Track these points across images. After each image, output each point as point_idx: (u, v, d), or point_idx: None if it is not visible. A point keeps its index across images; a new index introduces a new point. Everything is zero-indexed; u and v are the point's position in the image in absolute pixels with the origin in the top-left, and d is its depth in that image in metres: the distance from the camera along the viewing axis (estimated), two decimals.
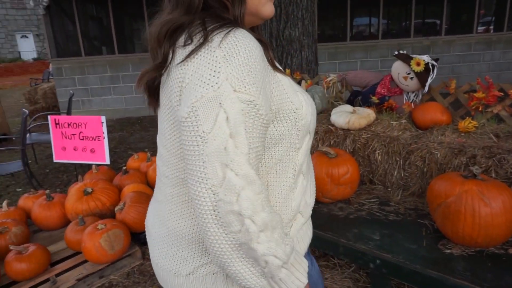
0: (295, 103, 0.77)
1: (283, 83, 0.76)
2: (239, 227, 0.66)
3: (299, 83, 3.02)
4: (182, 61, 0.69)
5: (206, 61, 0.67)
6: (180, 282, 0.82)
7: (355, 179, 2.05)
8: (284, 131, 0.77)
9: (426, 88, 2.43)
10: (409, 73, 2.44)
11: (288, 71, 3.13)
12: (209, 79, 0.65)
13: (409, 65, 2.41)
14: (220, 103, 0.65)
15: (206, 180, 0.65)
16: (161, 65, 0.74)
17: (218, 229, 0.67)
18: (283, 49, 3.45)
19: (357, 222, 1.90)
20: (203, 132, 0.65)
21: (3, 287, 2.22)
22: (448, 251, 1.60)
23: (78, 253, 2.49)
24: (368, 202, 2.09)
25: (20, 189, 4.00)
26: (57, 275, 2.30)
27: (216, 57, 0.66)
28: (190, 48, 0.69)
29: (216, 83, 0.65)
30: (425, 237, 1.72)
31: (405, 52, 2.53)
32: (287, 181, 0.81)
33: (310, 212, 0.92)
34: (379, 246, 1.67)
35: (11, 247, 2.26)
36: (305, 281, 0.74)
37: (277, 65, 0.78)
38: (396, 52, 2.53)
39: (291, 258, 0.73)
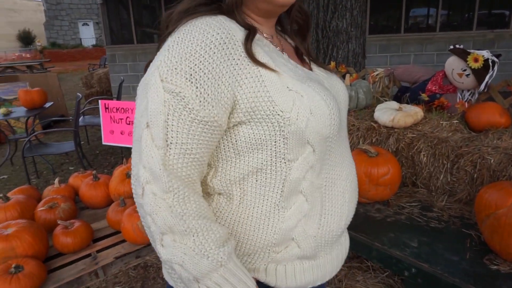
0: (280, 104, 0.63)
1: (266, 79, 0.63)
2: (147, 222, 0.64)
3: (343, 76, 2.90)
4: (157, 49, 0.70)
5: (161, 49, 0.65)
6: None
7: (395, 181, 1.94)
8: (263, 136, 0.65)
9: (483, 87, 2.22)
10: (464, 70, 2.24)
11: (333, 63, 3.02)
12: (150, 67, 0.64)
13: (466, 61, 2.22)
14: (146, 92, 0.63)
15: (132, 168, 0.66)
16: None
17: (140, 218, 0.68)
18: (329, 40, 3.34)
19: (394, 226, 1.80)
20: (135, 118, 0.65)
21: (51, 258, 2.39)
22: (495, 267, 1.46)
23: (118, 232, 2.62)
24: (408, 205, 1.97)
25: (72, 168, 4.29)
26: (98, 251, 2.44)
27: (165, 45, 0.64)
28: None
29: (149, 71, 0.64)
30: (469, 249, 1.59)
31: (461, 46, 2.32)
32: (273, 196, 0.69)
33: (312, 245, 0.72)
34: (416, 254, 1.57)
35: (59, 222, 2.43)
36: None
37: (262, 59, 0.65)
38: (452, 46, 2.33)
39: (214, 276, 0.62)
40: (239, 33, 0.64)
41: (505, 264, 1.47)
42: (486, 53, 2.18)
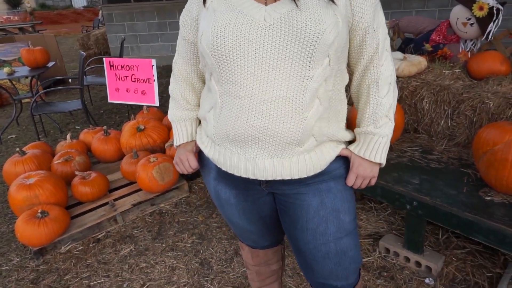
0: (199, 29, 0.97)
1: (201, 15, 0.97)
2: None
3: None
4: None
5: None
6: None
7: (398, 126, 2.04)
8: (200, 49, 0.97)
9: (487, 36, 2.27)
10: (469, 19, 2.28)
11: None
12: None
13: (471, 10, 2.25)
14: None
15: None
16: None
17: None
18: None
19: (397, 167, 1.93)
20: None
21: (71, 206, 2.54)
22: (489, 198, 1.61)
23: (132, 183, 2.75)
24: (410, 149, 2.09)
25: (79, 127, 4.36)
26: (115, 199, 2.58)
27: None
28: None
29: None
30: (466, 184, 1.73)
31: None
32: (206, 85, 1.05)
33: (212, 131, 0.97)
34: (418, 189, 1.71)
35: (76, 173, 2.55)
36: (174, 143, 1.17)
37: (207, 2, 0.95)
38: None
39: (174, 121, 1.15)
40: None
41: (498, 196, 1.61)
42: (491, 1, 2.21)
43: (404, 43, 2.74)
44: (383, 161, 1.01)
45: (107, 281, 1.98)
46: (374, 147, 0.99)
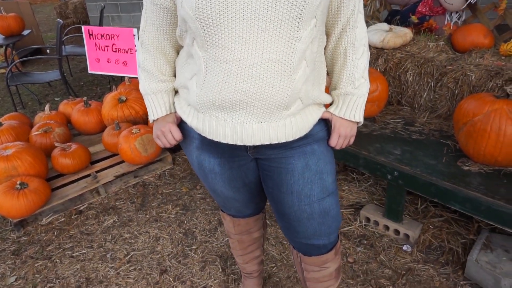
0: None
1: None
2: None
3: None
4: None
5: None
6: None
7: (383, 98, 2.05)
8: (179, 13, 0.91)
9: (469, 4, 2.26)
10: None
11: None
12: None
13: None
14: None
15: None
16: None
17: None
18: None
19: (380, 138, 1.95)
20: None
21: (52, 178, 2.49)
22: (466, 168, 1.65)
23: (114, 154, 2.71)
24: (393, 121, 2.11)
25: (58, 99, 4.23)
26: (97, 171, 2.55)
27: None
28: None
29: None
30: (445, 155, 1.76)
31: None
32: (184, 51, 1.00)
33: (195, 98, 0.93)
34: (399, 160, 1.74)
35: (56, 144, 2.48)
36: (151, 117, 1.09)
37: None
38: None
39: (149, 94, 1.07)
40: None
41: (475, 166, 1.65)
42: None
43: (391, 14, 2.71)
44: (362, 120, 1.05)
45: (90, 251, 1.98)
46: (354, 107, 1.02)
